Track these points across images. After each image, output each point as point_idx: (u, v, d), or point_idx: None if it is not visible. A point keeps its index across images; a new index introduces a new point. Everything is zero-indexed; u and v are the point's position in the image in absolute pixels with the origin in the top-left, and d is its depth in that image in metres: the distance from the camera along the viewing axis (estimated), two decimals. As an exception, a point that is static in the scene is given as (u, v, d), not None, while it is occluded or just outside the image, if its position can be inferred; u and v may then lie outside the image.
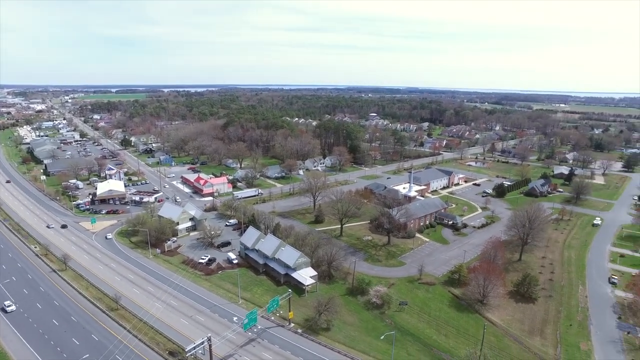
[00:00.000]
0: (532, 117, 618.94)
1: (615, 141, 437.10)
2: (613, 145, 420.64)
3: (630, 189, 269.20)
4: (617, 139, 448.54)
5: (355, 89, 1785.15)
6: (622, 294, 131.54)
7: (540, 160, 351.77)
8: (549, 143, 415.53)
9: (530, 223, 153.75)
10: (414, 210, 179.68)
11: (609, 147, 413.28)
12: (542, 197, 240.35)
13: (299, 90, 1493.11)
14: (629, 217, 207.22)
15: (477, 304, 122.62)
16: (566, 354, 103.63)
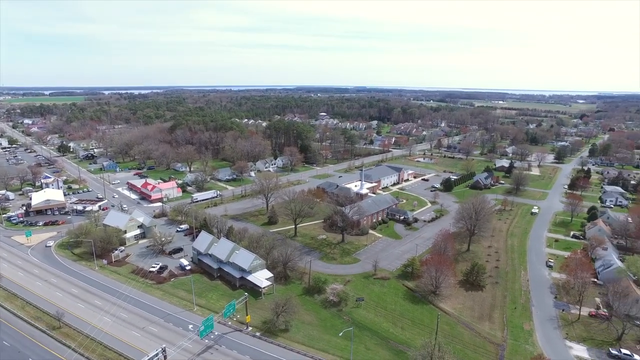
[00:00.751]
0: (474, 113, 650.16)
1: (547, 135, 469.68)
2: (546, 139, 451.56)
3: (561, 179, 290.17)
4: (548, 133, 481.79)
5: (305, 89, 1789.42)
6: (557, 276, 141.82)
7: (483, 155, 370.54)
8: (491, 138, 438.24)
9: (476, 214, 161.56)
10: (366, 208, 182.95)
11: (542, 140, 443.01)
12: (486, 189, 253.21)
13: (248, 91, 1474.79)
14: (561, 204, 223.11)
15: (430, 295, 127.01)
16: (512, 335, 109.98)
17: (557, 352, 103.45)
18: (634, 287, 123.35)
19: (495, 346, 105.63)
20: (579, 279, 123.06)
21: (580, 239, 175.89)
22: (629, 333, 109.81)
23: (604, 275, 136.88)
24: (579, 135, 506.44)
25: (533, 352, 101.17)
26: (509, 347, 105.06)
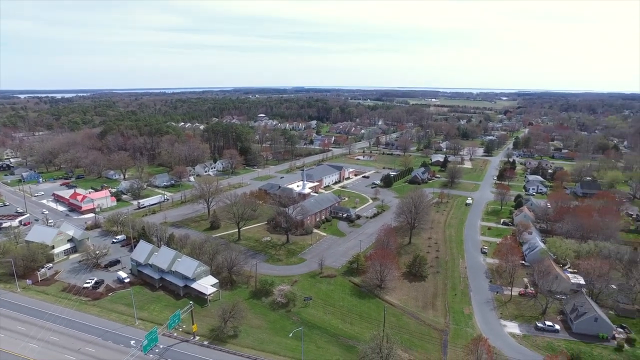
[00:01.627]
0: (409, 111, 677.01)
1: (477, 130, 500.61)
2: (475, 134, 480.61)
3: (490, 171, 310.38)
4: (478, 128, 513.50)
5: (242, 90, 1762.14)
6: (491, 261, 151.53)
7: (420, 150, 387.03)
8: (426, 134, 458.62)
9: (415, 208, 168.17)
10: (309, 207, 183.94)
11: (472, 135, 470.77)
12: (423, 183, 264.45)
13: (183, 93, 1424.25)
14: (491, 194, 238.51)
15: (376, 289, 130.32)
16: (454, 320, 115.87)
17: (494, 331, 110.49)
18: (554, 266, 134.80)
19: (439, 332, 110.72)
20: (510, 263, 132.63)
21: (509, 226, 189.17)
22: (551, 307, 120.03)
23: (530, 257, 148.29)
24: (504, 130, 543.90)
25: (473, 334, 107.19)
26: (451, 332, 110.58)
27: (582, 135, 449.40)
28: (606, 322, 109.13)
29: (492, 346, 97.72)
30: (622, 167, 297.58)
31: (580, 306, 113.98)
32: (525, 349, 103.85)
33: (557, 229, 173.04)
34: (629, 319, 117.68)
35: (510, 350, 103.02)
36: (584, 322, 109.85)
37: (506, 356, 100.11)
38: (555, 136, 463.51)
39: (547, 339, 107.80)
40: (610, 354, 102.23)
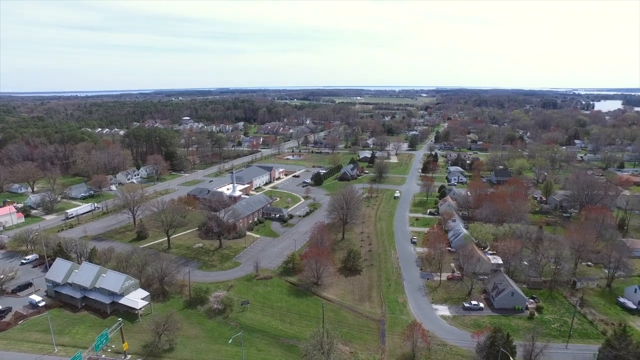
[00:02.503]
0: (336, 109, 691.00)
1: (401, 126, 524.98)
2: (400, 129, 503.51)
3: (415, 164, 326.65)
4: (401, 124, 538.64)
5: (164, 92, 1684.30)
6: (420, 250, 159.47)
7: (348, 148, 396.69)
8: (353, 132, 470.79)
9: (347, 204, 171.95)
10: (241, 210, 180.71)
11: (397, 131, 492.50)
12: (353, 179, 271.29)
13: (99, 97, 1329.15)
14: (417, 187, 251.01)
15: (313, 287, 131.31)
16: (389, 310, 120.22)
17: (426, 316, 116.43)
18: (476, 250, 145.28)
19: (377, 322, 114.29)
20: (438, 250, 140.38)
21: (435, 215, 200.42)
22: (476, 287, 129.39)
23: (455, 243, 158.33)
24: (425, 125, 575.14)
25: (408, 320, 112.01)
26: (388, 321, 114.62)
27: (494, 128, 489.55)
28: (521, 296, 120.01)
29: (426, 330, 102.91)
30: (527, 155, 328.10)
31: (500, 284, 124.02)
32: (456, 329, 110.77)
33: (477, 215, 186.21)
34: (538, 290, 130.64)
35: (443, 331, 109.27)
36: (503, 297, 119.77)
37: (439, 338, 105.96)
38: (471, 129, 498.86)
39: (473, 317, 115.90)
40: (525, 322, 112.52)
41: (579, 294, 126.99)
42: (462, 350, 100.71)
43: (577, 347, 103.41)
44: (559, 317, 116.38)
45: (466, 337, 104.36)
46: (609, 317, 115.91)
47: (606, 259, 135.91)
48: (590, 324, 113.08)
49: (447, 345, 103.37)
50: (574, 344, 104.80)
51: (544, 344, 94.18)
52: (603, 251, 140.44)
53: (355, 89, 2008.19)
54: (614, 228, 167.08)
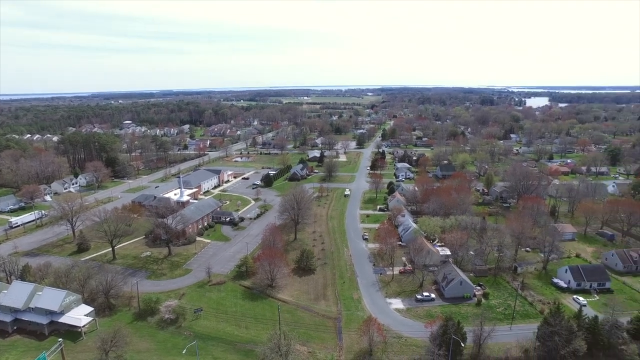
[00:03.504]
0: (283, 110, 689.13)
1: (348, 125, 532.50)
2: (347, 128, 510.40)
3: (364, 162, 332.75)
4: (349, 123, 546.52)
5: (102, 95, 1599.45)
6: (372, 246, 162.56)
7: (296, 148, 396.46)
8: (301, 132, 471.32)
9: (298, 204, 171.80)
10: (189, 215, 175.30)
11: (344, 130, 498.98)
12: (303, 179, 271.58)
13: (27, 100, 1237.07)
14: (367, 184, 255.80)
15: (267, 289, 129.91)
16: (345, 307, 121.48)
17: (381, 310, 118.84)
18: (425, 243, 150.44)
19: (333, 320, 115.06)
20: (389, 245, 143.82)
21: (385, 211, 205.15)
22: (427, 279, 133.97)
23: (405, 237, 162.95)
24: (372, 123, 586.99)
25: (363, 316, 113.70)
26: (344, 318, 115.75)
27: (437, 125, 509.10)
28: (468, 284, 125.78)
29: (382, 324, 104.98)
30: (469, 150, 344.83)
31: (449, 274, 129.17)
32: (410, 321, 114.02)
33: (425, 209, 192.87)
34: (484, 277, 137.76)
35: (397, 324, 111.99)
36: (452, 287, 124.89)
37: (394, 330, 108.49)
38: (416, 126, 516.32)
39: (425, 308, 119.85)
40: (473, 309, 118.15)
41: (520, 278, 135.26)
42: (416, 341, 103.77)
43: (519, 327, 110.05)
44: (503, 302, 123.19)
45: (420, 328, 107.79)
46: (546, 297, 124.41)
47: (541, 243, 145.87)
48: (530, 305, 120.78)
49: (402, 337, 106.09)
50: (517, 324, 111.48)
51: (491, 327, 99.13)
52: (539, 237, 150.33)
53: (302, 89, 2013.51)
54: (547, 215, 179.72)
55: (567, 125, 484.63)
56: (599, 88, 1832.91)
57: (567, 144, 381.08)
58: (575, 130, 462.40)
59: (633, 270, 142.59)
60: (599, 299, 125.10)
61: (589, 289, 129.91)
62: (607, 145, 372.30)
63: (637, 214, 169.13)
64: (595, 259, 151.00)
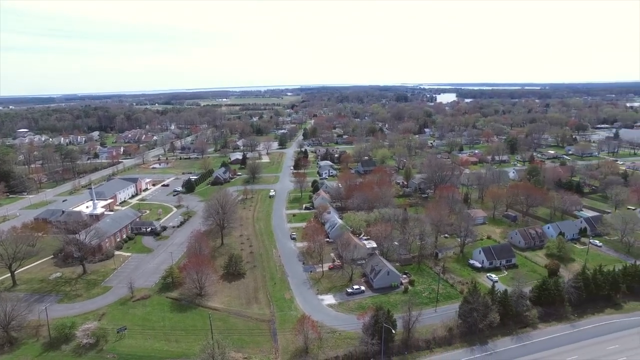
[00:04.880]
0: (201, 112, 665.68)
1: (269, 125, 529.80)
2: (268, 129, 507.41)
3: (287, 162, 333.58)
4: (270, 124, 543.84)
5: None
6: (301, 245, 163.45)
7: (218, 151, 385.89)
8: (221, 134, 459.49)
9: (222, 209, 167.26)
10: (105, 228, 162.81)
11: (266, 130, 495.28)
12: (226, 183, 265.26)
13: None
14: (291, 184, 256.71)
15: (197, 298, 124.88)
16: (278, 308, 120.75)
17: (314, 307, 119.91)
18: (352, 237, 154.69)
19: (267, 323, 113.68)
20: (317, 243, 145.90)
21: (311, 209, 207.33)
22: (356, 272, 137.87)
23: (332, 233, 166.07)
24: (293, 123, 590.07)
25: (297, 315, 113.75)
26: (278, 320, 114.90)
27: (356, 122, 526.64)
28: (395, 273, 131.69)
29: (316, 321, 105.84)
30: (388, 145, 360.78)
31: (376, 265, 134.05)
32: (342, 315, 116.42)
33: (350, 205, 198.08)
34: (409, 265, 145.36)
35: (331, 319, 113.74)
36: (380, 278, 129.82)
37: (328, 326, 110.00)
38: (336, 124, 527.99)
39: (357, 301, 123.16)
40: (401, 297, 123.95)
41: (441, 263, 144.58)
42: (350, 334, 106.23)
43: (443, 308, 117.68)
44: (427, 286, 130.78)
45: (353, 320, 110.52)
46: (464, 278, 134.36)
47: (458, 229, 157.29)
48: (452, 287, 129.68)
49: (336, 331, 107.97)
50: (441, 306, 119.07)
51: (418, 312, 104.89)
52: (455, 223, 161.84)
53: (220, 90, 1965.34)
54: (461, 202, 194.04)
55: (473, 119, 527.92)
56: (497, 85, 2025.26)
57: (474, 136, 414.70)
58: (480, 123, 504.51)
59: (532, 245, 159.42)
60: (507, 274, 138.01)
61: (499, 266, 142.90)
62: (506, 136, 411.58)
63: (533, 196, 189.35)
64: (503, 239, 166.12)
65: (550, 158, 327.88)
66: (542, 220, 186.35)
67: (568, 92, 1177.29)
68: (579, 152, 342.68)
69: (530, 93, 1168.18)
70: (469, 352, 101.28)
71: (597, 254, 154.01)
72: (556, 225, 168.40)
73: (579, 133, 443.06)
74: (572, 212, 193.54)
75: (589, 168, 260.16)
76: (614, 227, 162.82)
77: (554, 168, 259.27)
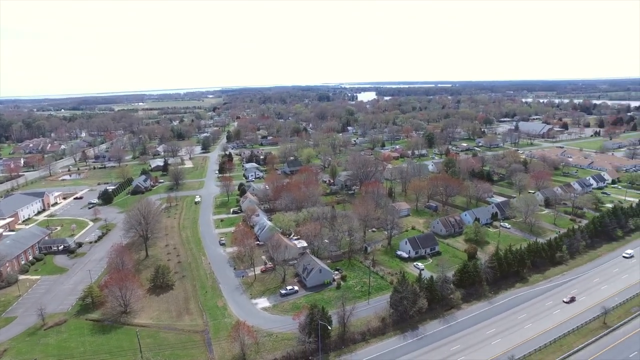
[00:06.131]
0: (116, 118, 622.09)
1: (191, 129, 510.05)
2: (190, 133, 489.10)
3: (211, 166, 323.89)
4: (191, 127, 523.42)
5: None
6: (231, 250, 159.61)
7: (136, 158, 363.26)
8: (139, 140, 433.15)
9: (145, 219, 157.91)
10: (5, 251, 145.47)
11: (187, 135, 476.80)
12: (148, 191, 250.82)
13: None
14: (217, 188, 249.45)
15: (122, 317, 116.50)
16: (211, 317, 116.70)
17: (249, 312, 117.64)
18: (282, 238, 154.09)
19: (201, 334, 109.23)
20: (247, 246, 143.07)
21: (239, 213, 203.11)
22: (288, 273, 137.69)
23: (262, 236, 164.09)
24: (216, 126, 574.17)
25: (231, 322, 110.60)
26: (212, 329, 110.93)
27: (280, 123, 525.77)
28: (327, 270, 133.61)
29: (251, 326, 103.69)
30: (312, 144, 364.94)
31: (308, 264, 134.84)
32: (278, 316, 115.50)
33: (278, 206, 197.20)
34: (340, 261, 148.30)
35: (266, 322, 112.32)
36: (313, 276, 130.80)
37: (265, 330, 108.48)
38: (260, 126, 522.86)
39: (291, 301, 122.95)
40: (334, 293, 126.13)
41: (371, 257, 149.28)
42: (287, 335, 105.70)
43: (376, 300, 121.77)
44: (359, 280, 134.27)
45: (289, 321, 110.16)
46: (393, 269, 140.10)
47: (384, 222, 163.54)
48: (382, 279, 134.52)
49: (273, 334, 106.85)
50: (373, 298, 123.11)
51: (352, 306, 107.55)
52: (381, 217, 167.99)
53: (136, 94, 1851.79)
54: (386, 196, 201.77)
55: (392, 116, 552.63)
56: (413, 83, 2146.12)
57: (394, 132, 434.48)
58: (399, 120, 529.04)
59: (452, 232, 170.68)
60: (432, 261, 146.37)
61: (425, 254, 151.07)
62: (424, 131, 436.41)
63: (451, 187, 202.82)
64: (426, 229, 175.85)
65: (464, 150, 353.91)
66: (460, 208, 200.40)
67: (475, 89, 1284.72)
68: (488, 143, 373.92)
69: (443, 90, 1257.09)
70: (402, 339, 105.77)
71: (507, 235, 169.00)
72: (472, 212, 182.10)
73: (486, 126, 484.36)
74: (485, 198, 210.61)
75: (496, 158, 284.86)
76: (518, 210, 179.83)
77: (467, 159, 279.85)
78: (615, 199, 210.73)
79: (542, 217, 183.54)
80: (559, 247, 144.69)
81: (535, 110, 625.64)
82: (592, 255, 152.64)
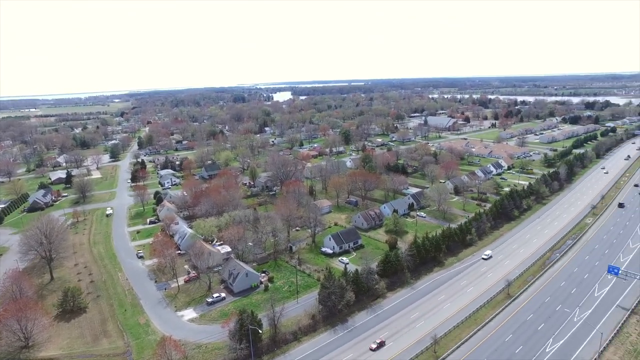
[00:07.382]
0: (2, 127, 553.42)
1: (96, 137, 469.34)
2: (96, 141, 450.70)
3: (122, 175, 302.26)
4: (97, 135, 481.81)
5: None
6: (150, 262, 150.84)
7: (32, 171, 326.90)
8: (34, 151, 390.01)
9: (47, 238, 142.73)
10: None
11: (93, 143, 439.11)
12: (49, 207, 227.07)
13: None
14: (130, 198, 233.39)
15: (22, 353, 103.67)
16: (133, 336, 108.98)
17: (174, 325, 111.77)
18: (205, 245, 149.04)
19: (122, 356, 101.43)
20: (167, 257, 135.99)
21: (156, 223, 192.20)
22: (214, 280, 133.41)
23: (184, 244, 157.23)
24: (125, 132, 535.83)
25: (156, 339, 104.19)
26: (135, 349, 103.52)
27: (195, 126, 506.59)
28: (254, 273, 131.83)
29: (178, 340, 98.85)
30: (230, 147, 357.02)
31: (234, 269, 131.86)
32: (206, 326, 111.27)
33: (198, 212, 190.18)
34: (266, 263, 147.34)
35: (194, 334, 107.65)
36: (239, 281, 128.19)
37: (193, 342, 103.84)
38: (173, 130, 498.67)
39: (219, 309, 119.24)
40: (263, 295, 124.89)
41: (296, 256, 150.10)
42: (217, 344, 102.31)
43: (304, 298, 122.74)
44: (287, 280, 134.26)
45: (218, 330, 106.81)
46: (319, 266, 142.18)
47: (307, 221, 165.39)
48: (309, 276, 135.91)
49: (202, 345, 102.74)
50: (302, 296, 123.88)
51: (281, 307, 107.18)
52: (304, 215, 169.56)
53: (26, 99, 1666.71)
54: (307, 195, 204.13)
55: (309, 115, 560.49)
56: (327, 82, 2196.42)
57: (312, 131, 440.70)
58: (315, 119, 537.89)
59: (373, 225, 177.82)
60: (356, 255, 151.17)
61: (348, 249, 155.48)
62: (340, 128, 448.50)
63: (369, 181, 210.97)
64: (348, 224, 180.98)
65: (379, 145, 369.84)
66: (379, 201, 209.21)
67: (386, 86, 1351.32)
68: (400, 138, 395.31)
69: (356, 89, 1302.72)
70: (333, 333, 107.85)
71: (423, 223, 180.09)
72: (390, 204, 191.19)
73: (398, 122, 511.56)
74: (401, 190, 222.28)
75: (409, 151, 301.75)
76: (432, 199, 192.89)
77: (382, 154, 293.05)
78: (511, 183, 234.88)
79: (453, 204, 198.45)
80: (469, 231, 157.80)
81: (441, 106, 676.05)
82: (496, 235, 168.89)
